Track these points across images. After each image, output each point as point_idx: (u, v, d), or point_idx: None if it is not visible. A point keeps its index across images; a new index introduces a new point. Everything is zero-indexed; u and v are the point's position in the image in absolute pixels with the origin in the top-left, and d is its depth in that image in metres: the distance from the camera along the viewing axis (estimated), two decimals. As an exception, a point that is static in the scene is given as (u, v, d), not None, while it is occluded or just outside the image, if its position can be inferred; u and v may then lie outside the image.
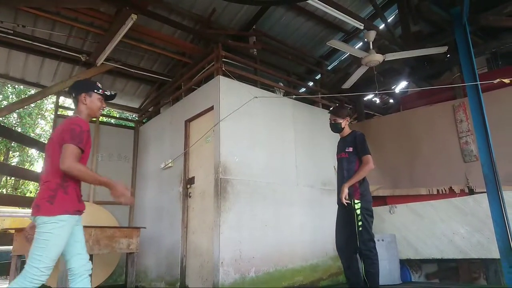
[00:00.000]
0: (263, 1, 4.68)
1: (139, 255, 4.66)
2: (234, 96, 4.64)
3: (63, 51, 5.32)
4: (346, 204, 3.31)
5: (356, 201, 3.33)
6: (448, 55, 5.70)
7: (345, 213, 3.45)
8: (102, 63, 5.34)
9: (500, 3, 4.74)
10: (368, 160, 3.37)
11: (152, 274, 5.28)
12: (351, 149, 3.47)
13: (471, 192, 5.08)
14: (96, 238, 3.73)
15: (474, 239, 4.85)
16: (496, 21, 4.78)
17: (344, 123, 3.61)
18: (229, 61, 5.01)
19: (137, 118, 7.25)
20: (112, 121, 8.74)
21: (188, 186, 4.93)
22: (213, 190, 4.27)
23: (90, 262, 2.44)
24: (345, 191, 3.30)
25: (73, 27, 5.08)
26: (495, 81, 3.60)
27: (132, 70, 5.96)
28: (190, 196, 4.89)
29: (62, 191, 2.25)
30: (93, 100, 2.51)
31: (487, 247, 4.67)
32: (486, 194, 4.16)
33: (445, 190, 5.32)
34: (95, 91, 2.52)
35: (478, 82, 4.14)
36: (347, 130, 3.65)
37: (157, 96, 6.63)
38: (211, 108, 4.66)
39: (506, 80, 3.49)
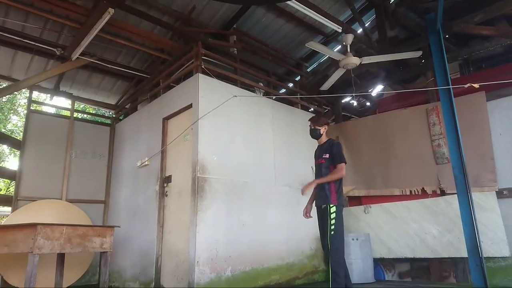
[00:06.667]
0: (243, 1, 4.68)
1: (113, 255, 4.56)
2: (213, 94, 4.62)
3: (37, 44, 5.15)
4: (301, 192, 3.52)
5: (331, 205, 3.45)
6: (423, 60, 5.88)
7: (321, 215, 3.59)
8: (78, 57, 5.18)
9: (470, 11, 4.93)
10: (342, 167, 3.53)
11: (126, 274, 5.18)
12: (327, 156, 3.62)
13: (443, 193, 5.25)
14: (68, 236, 3.61)
15: (445, 238, 5.01)
16: (466, 29, 4.97)
17: (322, 130, 3.77)
18: (209, 59, 4.98)
19: (113, 115, 7.10)
20: (88, 117, 8.51)
21: (165, 184, 4.87)
22: (191, 188, 4.23)
23: None
24: (312, 185, 3.50)
25: (48, 19, 4.93)
26: (466, 86, 3.73)
27: (109, 66, 5.83)
28: (166, 195, 4.83)
29: None
30: None
31: (457, 247, 4.84)
32: (456, 195, 4.30)
33: (418, 191, 5.48)
34: None
35: (450, 86, 4.28)
36: (324, 138, 3.79)
37: (134, 92, 6.51)
38: (190, 106, 4.62)
39: (476, 85, 3.62)
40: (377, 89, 7.60)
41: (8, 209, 7.92)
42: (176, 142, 4.81)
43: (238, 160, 4.69)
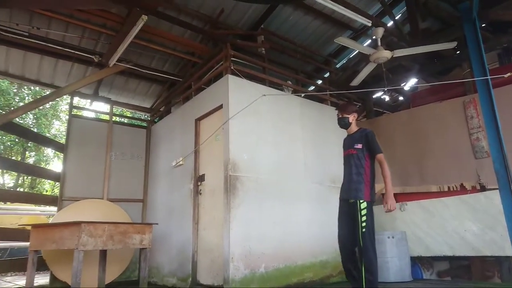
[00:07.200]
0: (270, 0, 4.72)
1: (151, 252, 4.75)
2: (243, 94, 4.69)
3: (76, 52, 5.46)
4: (390, 210, 3.25)
5: (361, 200, 3.29)
6: (458, 51, 5.65)
7: (347, 210, 3.42)
8: (115, 63, 5.46)
9: (510, -3, 4.70)
10: (383, 158, 3.37)
11: (164, 270, 5.38)
12: (360, 146, 3.42)
13: (483, 188, 5.02)
14: (110, 233, 3.81)
15: (487, 236, 4.79)
16: (506, 15, 4.73)
17: (351, 118, 3.57)
18: (238, 60, 5.06)
19: (149, 118, 7.38)
20: (125, 120, 8.88)
21: (199, 183, 5.01)
22: (223, 187, 4.33)
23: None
24: (394, 203, 3.24)
25: (86, 28, 5.21)
26: (506, 76, 3.58)
27: (144, 71, 6.06)
28: (200, 193, 4.97)
29: None
30: None
31: (501, 245, 4.60)
32: (498, 190, 4.12)
33: (456, 187, 5.28)
34: None
35: (489, 77, 4.11)
36: (354, 127, 3.60)
37: (168, 95, 6.74)
38: (220, 107, 4.73)
39: (516, 74, 3.46)
40: (410, 83, 7.38)
41: (54, 208, 8.45)
42: (208, 142, 4.93)
43: (268, 158, 4.74)
